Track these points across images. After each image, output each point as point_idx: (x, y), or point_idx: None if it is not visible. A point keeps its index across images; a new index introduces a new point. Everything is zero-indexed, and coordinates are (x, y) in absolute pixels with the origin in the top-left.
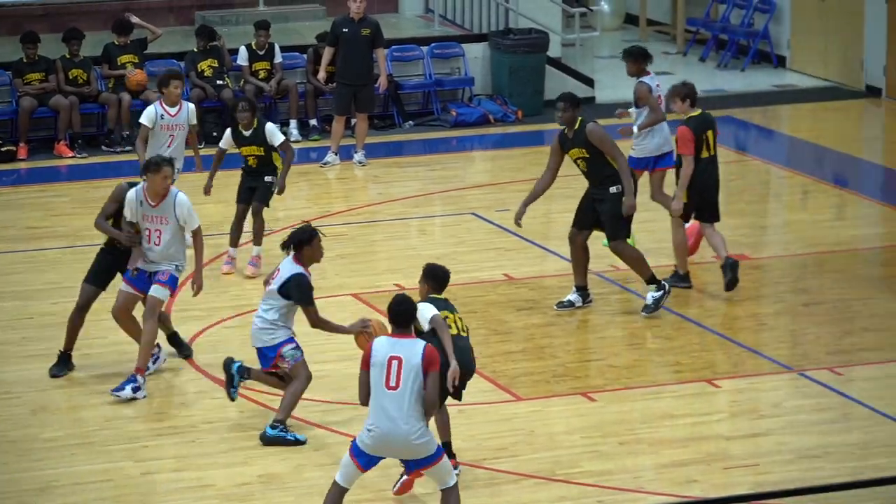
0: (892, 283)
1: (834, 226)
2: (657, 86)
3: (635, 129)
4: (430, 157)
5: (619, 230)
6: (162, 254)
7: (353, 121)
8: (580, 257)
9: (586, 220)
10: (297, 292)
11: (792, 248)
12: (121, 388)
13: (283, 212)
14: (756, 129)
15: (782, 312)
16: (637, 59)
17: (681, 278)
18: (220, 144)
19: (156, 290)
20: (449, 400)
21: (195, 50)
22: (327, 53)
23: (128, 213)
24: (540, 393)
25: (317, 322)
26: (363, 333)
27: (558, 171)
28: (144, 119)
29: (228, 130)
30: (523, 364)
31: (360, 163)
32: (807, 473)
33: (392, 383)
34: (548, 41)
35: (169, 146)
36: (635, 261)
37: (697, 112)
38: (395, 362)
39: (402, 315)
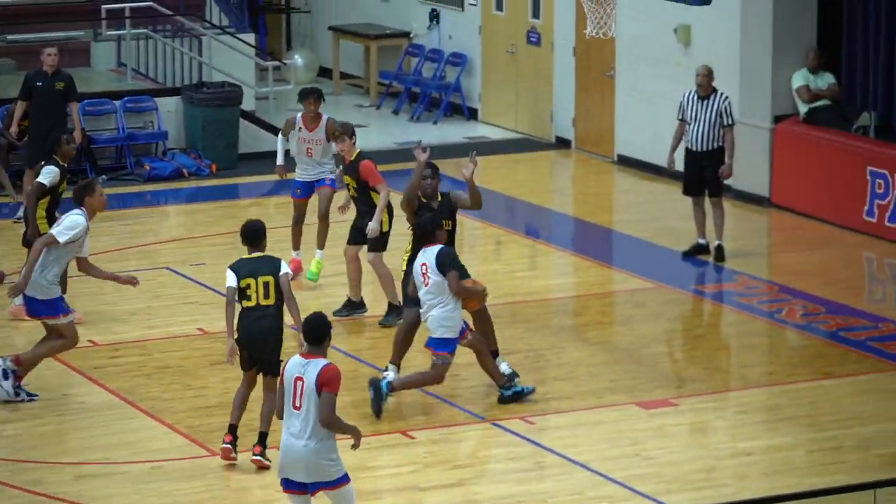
0: (582, 332)
1: (526, 276)
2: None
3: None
4: (123, 211)
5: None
6: None
7: None
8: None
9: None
10: (450, 259)
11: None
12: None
13: None
14: (449, 181)
15: (475, 363)
16: (319, 98)
17: (356, 305)
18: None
19: None
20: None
21: None
22: (19, 108)
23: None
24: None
25: (457, 287)
26: (475, 297)
27: None
28: None
29: (57, 170)
30: (220, 419)
31: None
32: None
33: (297, 403)
34: (241, 94)
35: None
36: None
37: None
38: (299, 383)
39: (313, 332)
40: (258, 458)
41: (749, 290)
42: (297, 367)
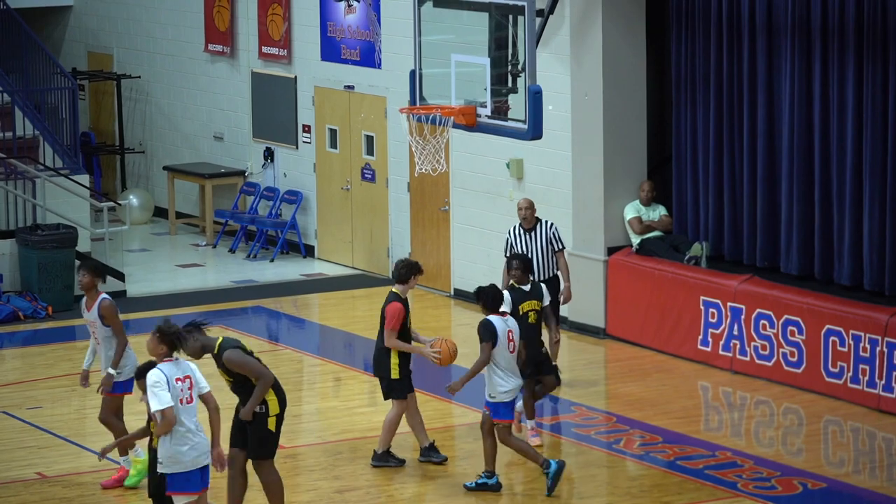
0: (422, 467)
1: (366, 412)
2: None
3: (112, 370)
4: None
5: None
6: None
7: None
8: (240, 483)
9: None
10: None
11: (325, 435)
12: None
13: None
14: (287, 319)
15: (317, 500)
16: (95, 273)
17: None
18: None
19: None
20: None
21: None
22: None
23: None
24: None
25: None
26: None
27: None
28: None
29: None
30: None
31: None
32: None
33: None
34: (77, 236)
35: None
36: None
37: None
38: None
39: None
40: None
41: (587, 421)
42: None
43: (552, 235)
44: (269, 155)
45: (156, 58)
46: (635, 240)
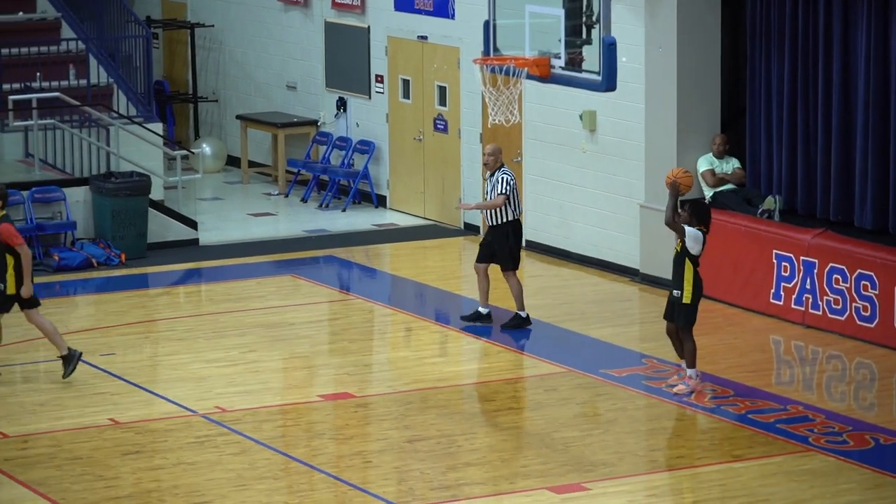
0: (492, 417)
1: (437, 362)
2: None
3: None
4: None
5: None
6: None
7: None
8: None
9: None
10: None
11: (396, 385)
12: None
13: None
14: (359, 269)
15: (387, 449)
16: None
17: None
18: None
19: None
20: None
21: None
22: None
23: None
24: None
25: None
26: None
27: None
28: None
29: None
30: None
31: None
32: None
33: None
34: (150, 184)
35: None
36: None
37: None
38: None
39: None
40: None
41: (657, 374)
42: None
43: (496, 181)
44: (341, 105)
45: (230, 6)
46: (708, 193)
